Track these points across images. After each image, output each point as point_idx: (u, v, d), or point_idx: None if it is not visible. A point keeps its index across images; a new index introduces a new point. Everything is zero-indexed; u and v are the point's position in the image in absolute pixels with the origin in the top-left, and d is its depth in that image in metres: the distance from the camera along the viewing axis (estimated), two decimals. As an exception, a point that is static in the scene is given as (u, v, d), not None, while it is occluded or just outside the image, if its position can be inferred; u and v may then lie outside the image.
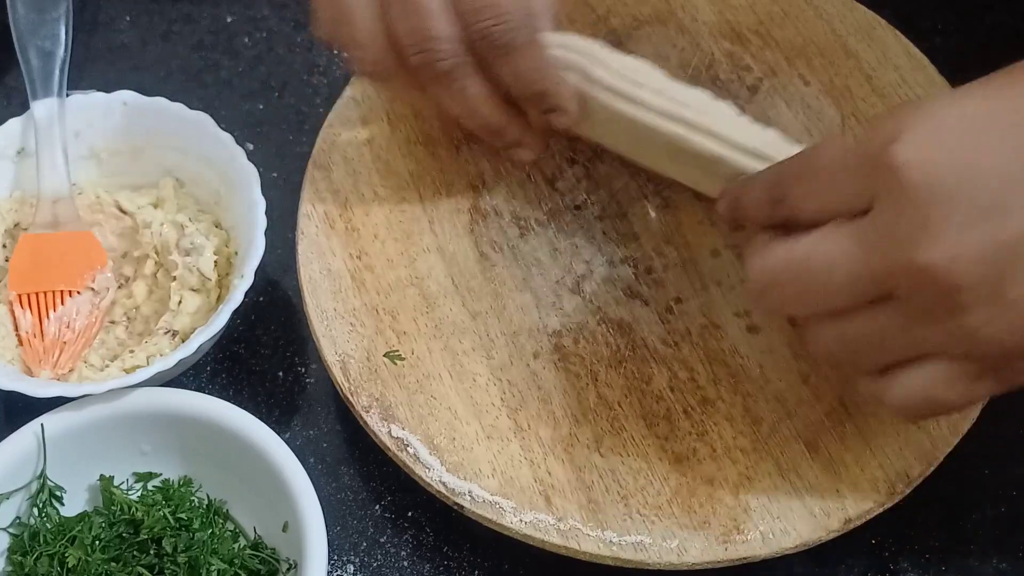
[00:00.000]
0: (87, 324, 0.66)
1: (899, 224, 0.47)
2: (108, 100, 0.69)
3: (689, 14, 0.73)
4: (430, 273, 0.66)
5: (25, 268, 0.67)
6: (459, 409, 0.62)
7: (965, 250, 0.46)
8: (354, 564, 0.63)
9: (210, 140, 0.68)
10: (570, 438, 0.61)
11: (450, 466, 0.60)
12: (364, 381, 0.63)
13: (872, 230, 0.48)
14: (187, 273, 0.66)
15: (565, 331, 0.64)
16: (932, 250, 0.46)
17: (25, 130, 0.69)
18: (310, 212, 0.67)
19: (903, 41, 0.71)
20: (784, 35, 0.72)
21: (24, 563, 0.60)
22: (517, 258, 0.66)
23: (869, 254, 0.48)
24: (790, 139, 0.61)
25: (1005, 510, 0.63)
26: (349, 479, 0.66)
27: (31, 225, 0.68)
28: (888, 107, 0.69)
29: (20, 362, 0.65)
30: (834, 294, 0.50)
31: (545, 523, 0.59)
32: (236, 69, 0.79)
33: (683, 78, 0.71)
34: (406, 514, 0.64)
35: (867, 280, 0.48)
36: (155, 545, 0.61)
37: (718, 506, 0.59)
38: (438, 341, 0.64)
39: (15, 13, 0.72)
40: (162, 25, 0.80)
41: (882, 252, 0.47)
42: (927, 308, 0.47)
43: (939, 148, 0.46)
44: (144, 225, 0.68)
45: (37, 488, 0.61)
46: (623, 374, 0.63)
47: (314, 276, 0.65)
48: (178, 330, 0.65)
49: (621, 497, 0.60)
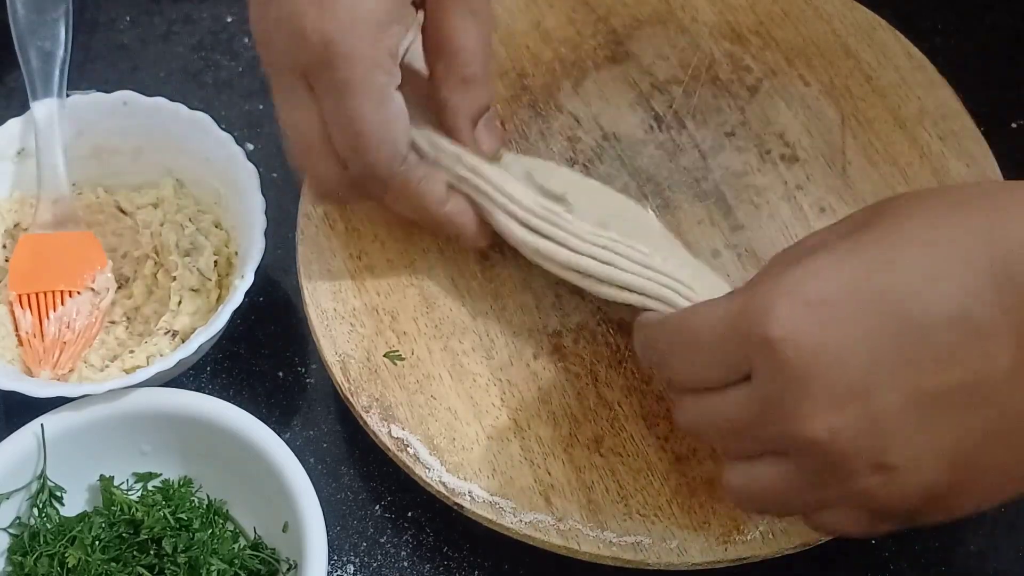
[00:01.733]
0: (87, 324, 0.66)
1: (780, 396, 0.47)
2: (108, 100, 0.69)
3: (689, 14, 0.73)
4: (430, 273, 0.66)
5: (25, 268, 0.67)
6: (459, 409, 0.62)
7: (843, 423, 0.46)
8: (354, 564, 0.63)
9: (210, 140, 0.68)
10: (570, 438, 0.61)
11: (450, 466, 0.60)
12: (364, 381, 0.63)
13: (757, 400, 0.48)
14: (187, 273, 0.66)
15: (565, 331, 0.64)
16: (814, 423, 0.46)
17: (25, 130, 0.69)
18: (310, 212, 0.67)
19: (903, 41, 0.71)
20: (784, 35, 0.72)
21: (24, 563, 0.60)
22: (517, 258, 0.66)
23: (759, 420, 0.48)
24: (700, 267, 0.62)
25: (1005, 510, 0.63)
26: (349, 479, 0.66)
27: (31, 225, 0.68)
28: (887, 108, 0.69)
29: (20, 362, 0.65)
30: (742, 444, 0.50)
31: (545, 523, 0.59)
32: (236, 69, 0.79)
33: (683, 78, 0.71)
34: (406, 514, 0.64)
35: (764, 440, 0.49)
36: (155, 545, 0.61)
37: (718, 506, 0.59)
38: (438, 341, 0.64)
39: (15, 13, 0.72)
40: (162, 25, 0.80)
41: (769, 420, 0.48)
42: (821, 472, 0.48)
43: (807, 326, 0.47)
44: (144, 225, 0.68)
45: (37, 488, 0.61)
46: (623, 374, 0.63)
47: (314, 276, 0.65)
48: (178, 330, 0.65)
49: (621, 497, 0.60)
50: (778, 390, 0.47)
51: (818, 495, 0.49)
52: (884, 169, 0.67)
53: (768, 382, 0.48)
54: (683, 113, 0.70)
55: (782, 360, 0.47)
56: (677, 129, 0.70)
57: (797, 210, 0.67)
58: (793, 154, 0.68)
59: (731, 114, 0.70)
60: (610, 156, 0.68)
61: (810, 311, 0.47)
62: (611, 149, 0.69)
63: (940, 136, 0.68)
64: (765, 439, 0.49)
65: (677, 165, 0.68)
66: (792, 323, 0.47)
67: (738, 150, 0.69)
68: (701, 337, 0.50)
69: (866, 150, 0.68)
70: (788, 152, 0.68)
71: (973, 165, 0.67)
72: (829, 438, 0.46)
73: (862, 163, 0.68)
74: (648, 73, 0.71)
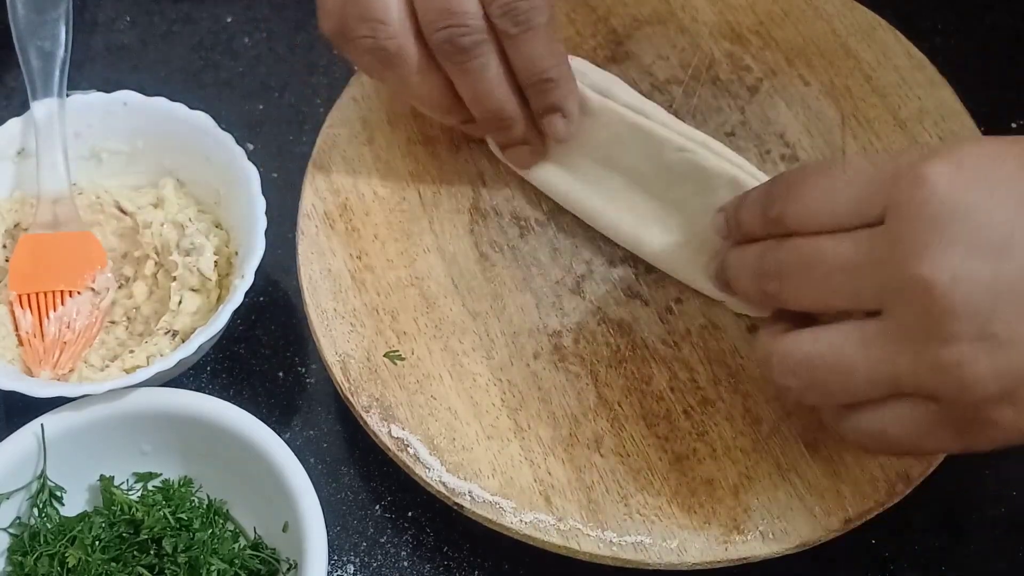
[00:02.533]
0: (87, 324, 0.66)
1: (912, 233, 0.47)
2: (108, 100, 0.69)
3: (689, 14, 0.73)
4: (430, 273, 0.66)
5: (25, 268, 0.67)
6: (459, 409, 0.62)
7: (966, 274, 0.46)
8: (354, 564, 0.63)
9: (210, 140, 0.68)
10: (570, 438, 0.61)
11: (450, 466, 0.60)
12: (364, 381, 0.63)
13: (885, 238, 0.48)
14: (187, 273, 0.66)
15: (565, 331, 0.64)
16: (940, 263, 0.46)
17: (25, 130, 0.69)
18: (310, 212, 0.67)
19: (903, 41, 0.71)
20: (784, 35, 0.72)
21: (24, 563, 0.60)
22: (517, 258, 0.66)
23: (880, 258, 0.48)
24: None
25: (1005, 510, 0.63)
26: (349, 479, 0.66)
27: (31, 225, 0.68)
28: (887, 108, 0.69)
29: (20, 362, 0.65)
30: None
31: (545, 523, 0.59)
32: (236, 69, 0.79)
33: (683, 78, 0.71)
34: (406, 514, 0.64)
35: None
36: (155, 545, 0.61)
37: (718, 506, 0.59)
38: (438, 341, 0.64)
39: (15, 13, 0.72)
40: (162, 25, 0.80)
41: (892, 258, 0.48)
42: (918, 329, 0.47)
43: (963, 175, 0.47)
44: (144, 225, 0.68)
45: (37, 488, 0.61)
46: (623, 374, 0.63)
47: (314, 276, 0.65)
48: (178, 330, 0.65)
49: (621, 497, 0.60)
50: (912, 227, 0.47)
51: (897, 364, 0.48)
52: (884, 169, 0.68)
53: (904, 219, 0.47)
54: (683, 113, 0.70)
55: (926, 196, 0.47)
56: (677, 129, 0.70)
57: (797, 210, 0.67)
58: (793, 154, 0.68)
59: (731, 114, 0.70)
60: (610, 156, 0.68)
61: (964, 169, 0.47)
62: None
63: (940, 136, 0.68)
64: (877, 283, 0.48)
65: (677, 165, 0.68)
66: (949, 168, 0.47)
67: (738, 150, 0.68)
68: (831, 175, 0.50)
69: (866, 150, 0.68)
70: (788, 152, 0.68)
71: (973, 165, 0.67)
72: (948, 283, 0.46)
73: (862, 163, 0.68)
74: (648, 73, 0.71)
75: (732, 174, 0.61)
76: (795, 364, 0.52)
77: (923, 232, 0.47)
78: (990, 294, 0.46)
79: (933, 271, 0.46)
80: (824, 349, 0.50)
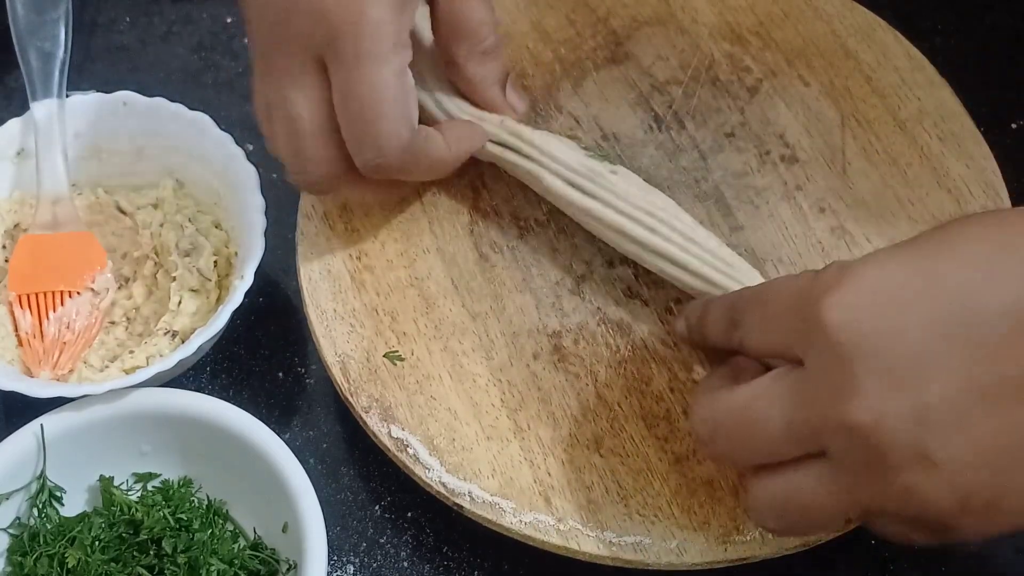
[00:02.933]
0: (87, 325, 0.66)
1: (827, 380, 0.47)
2: (108, 100, 0.69)
3: (689, 15, 0.73)
4: (430, 274, 0.66)
5: (25, 269, 0.67)
6: (459, 410, 0.62)
7: (889, 410, 0.46)
8: (354, 564, 0.63)
9: (210, 140, 0.68)
10: (570, 438, 0.61)
11: (450, 466, 0.60)
12: (364, 382, 0.63)
13: (804, 384, 0.48)
14: (187, 274, 0.66)
15: (565, 331, 0.64)
16: (858, 409, 0.46)
17: (25, 131, 0.69)
18: (310, 212, 0.67)
19: (903, 42, 0.71)
20: (784, 36, 0.72)
21: (24, 563, 0.60)
22: (517, 258, 0.66)
23: (802, 408, 0.48)
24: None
25: (1005, 510, 0.63)
26: (349, 479, 0.66)
27: (31, 225, 0.68)
28: (887, 108, 0.69)
29: (20, 362, 0.65)
30: (770, 444, 0.50)
31: (545, 523, 0.59)
32: (236, 69, 0.79)
33: (683, 79, 0.71)
34: (406, 514, 0.64)
35: (800, 434, 0.49)
36: (155, 545, 0.61)
37: (718, 506, 0.59)
38: (438, 342, 0.64)
39: (15, 14, 0.72)
40: (162, 26, 0.80)
41: (813, 407, 0.48)
42: (859, 467, 0.47)
43: (862, 311, 0.47)
44: (144, 225, 0.69)
45: (37, 488, 0.61)
46: (623, 374, 0.63)
47: (314, 276, 0.65)
48: (178, 331, 0.65)
49: (621, 497, 0.60)
50: (826, 373, 0.47)
51: (854, 497, 0.48)
52: (884, 170, 0.67)
53: (816, 364, 0.47)
54: (683, 114, 0.70)
55: (834, 342, 0.47)
56: (677, 130, 0.70)
57: (797, 211, 0.67)
58: (793, 155, 0.68)
59: (731, 115, 0.70)
60: (610, 156, 0.68)
61: (867, 297, 0.47)
62: (611, 149, 0.69)
63: (940, 137, 0.68)
64: (805, 433, 0.48)
65: (677, 165, 0.68)
66: (848, 308, 0.47)
67: (738, 151, 0.69)
68: (777, 302, 0.51)
69: (866, 151, 0.68)
70: (788, 153, 0.68)
71: (973, 165, 0.67)
72: (873, 424, 0.46)
73: (862, 164, 0.68)
74: (648, 74, 0.71)
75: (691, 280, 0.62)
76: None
77: (837, 376, 0.47)
78: (916, 423, 0.46)
79: (857, 414, 0.46)
80: (792, 495, 0.50)
